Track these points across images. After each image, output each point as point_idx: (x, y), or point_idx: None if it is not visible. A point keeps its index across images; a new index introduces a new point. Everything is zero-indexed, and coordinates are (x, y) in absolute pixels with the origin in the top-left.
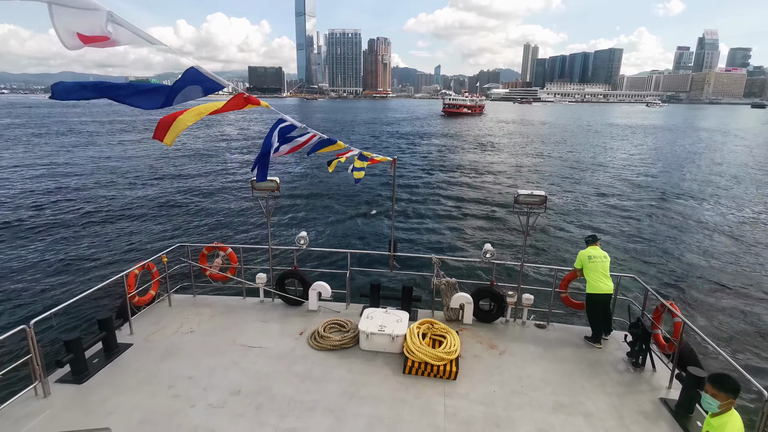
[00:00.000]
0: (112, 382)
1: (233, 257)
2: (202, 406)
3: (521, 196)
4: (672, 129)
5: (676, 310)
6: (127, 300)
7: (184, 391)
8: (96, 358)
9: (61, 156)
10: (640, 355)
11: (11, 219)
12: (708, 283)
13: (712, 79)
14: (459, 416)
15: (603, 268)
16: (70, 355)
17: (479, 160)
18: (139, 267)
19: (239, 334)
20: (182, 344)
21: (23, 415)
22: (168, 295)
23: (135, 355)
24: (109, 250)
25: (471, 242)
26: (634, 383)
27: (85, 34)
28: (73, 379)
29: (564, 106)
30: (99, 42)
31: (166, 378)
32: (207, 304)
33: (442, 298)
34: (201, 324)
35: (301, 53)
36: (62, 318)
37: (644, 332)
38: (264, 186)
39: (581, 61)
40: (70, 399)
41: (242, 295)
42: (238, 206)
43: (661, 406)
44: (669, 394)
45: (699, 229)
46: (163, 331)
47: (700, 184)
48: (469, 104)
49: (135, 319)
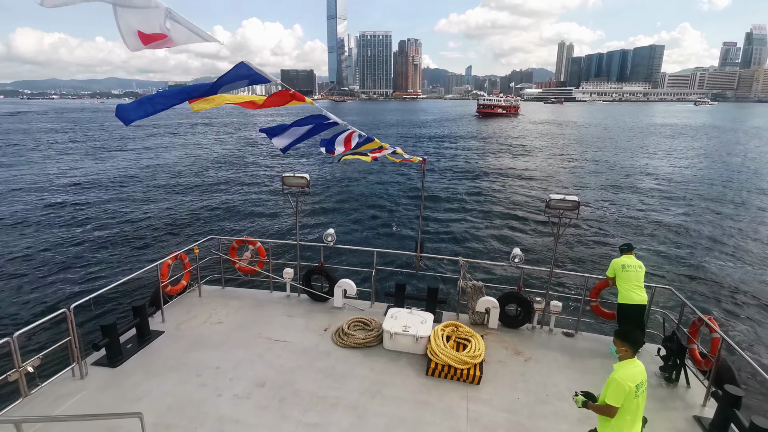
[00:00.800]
0: (144, 367)
1: (262, 251)
2: (228, 396)
3: (553, 201)
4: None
5: (714, 325)
6: (160, 289)
7: (211, 381)
8: (130, 344)
9: (103, 154)
10: (674, 370)
11: (57, 210)
12: (750, 299)
13: (761, 76)
14: (481, 421)
15: (637, 278)
16: (106, 340)
17: (510, 163)
18: (173, 257)
19: (265, 327)
20: (211, 334)
21: (61, 395)
22: (198, 286)
23: (166, 342)
24: (145, 240)
25: (499, 246)
26: (666, 399)
27: (145, 32)
28: (108, 363)
29: (598, 106)
30: (158, 41)
31: (194, 366)
32: (235, 297)
33: (468, 301)
34: (229, 315)
35: (332, 56)
36: (100, 303)
37: (679, 346)
38: (294, 182)
39: (619, 59)
40: (105, 381)
41: (269, 289)
42: (268, 201)
43: (695, 425)
44: (703, 412)
45: (744, 241)
46: (193, 321)
47: (751, 191)
48: (504, 105)
49: (167, 307)
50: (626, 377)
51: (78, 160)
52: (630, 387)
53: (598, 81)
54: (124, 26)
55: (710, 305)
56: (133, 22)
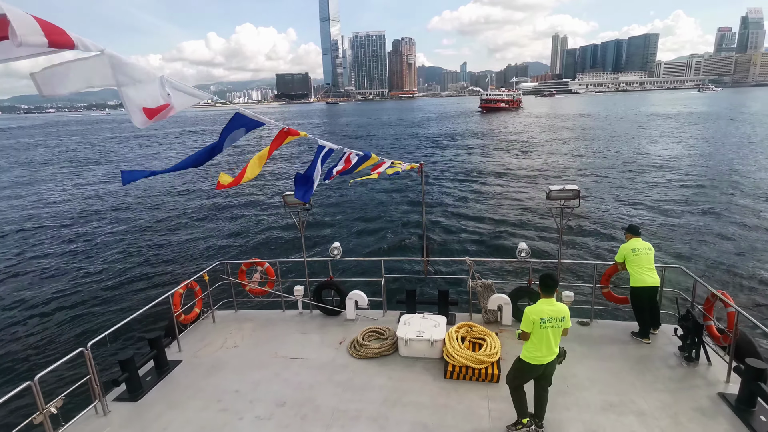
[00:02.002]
0: (164, 398)
1: (270, 272)
2: (250, 418)
3: (553, 192)
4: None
5: (728, 299)
6: (174, 319)
7: (232, 405)
8: (149, 376)
9: (96, 182)
10: (692, 348)
11: (59, 246)
12: (761, 270)
13: (759, 59)
14: (504, 420)
15: (648, 260)
16: (125, 375)
17: (509, 157)
18: (183, 286)
19: (281, 346)
20: (227, 359)
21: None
22: (211, 312)
23: (184, 371)
24: (155, 271)
25: (505, 242)
26: (688, 378)
27: (149, 107)
28: (129, 397)
29: (591, 97)
30: (161, 111)
31: (214, 392)
32: (248, 319)
33: (479, 301)
34: (244, 338)
35: (327, 58)
36: (115, 338)
37: (695, 324)
38: (295, 200)
39: (614, 49)
40: (128, 416)
41: (281, 308)
42: (271, 221)
43: (720, 402)
44: (727, 388)
45: (749, 215)
46: (209, 347)
47: (752, 169)
48: (506, 99)
49: (182, 336)
50: (533, 311)
51: (76, 186)
52: (535, 319)
53: (593, 72)
54: (130, 105)
55: (722, 280)
56: (137, 100)
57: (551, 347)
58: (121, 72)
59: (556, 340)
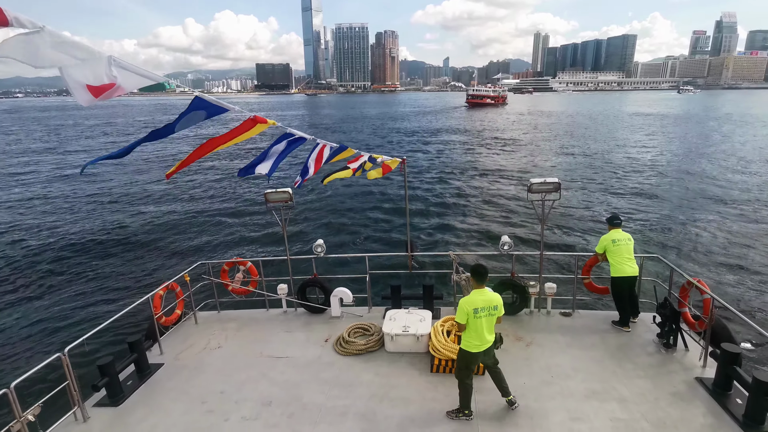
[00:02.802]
0: (147, 402)
1: (253, 271)
2: (236, 419)
3: (534, 185)
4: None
5: (703, 286)
6: (155, 321)
7: (217, 406)
8: (130, 380)
9: (74, 181)
10: (670, 335)
11: (35, 248)
12: (734, 258)
13: (731, 63)
14: (490, 411)
15: (627, 250)
16: (105, 379)
17: (492, 152)
18: (164, 288)
19: (266, 345)
20: (211, 360)
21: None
22: (193, 313)
23: (167, 374)
24: (133, 273)
25: (488, 236)
26: (666, 364)
27: (93, 84)
28: (110, 402)
29: (569, 95)
30: (108, 91)
31: (198, 394)
32: (232, 319)
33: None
34: (228, 339)
35: (309, 49)
36: (94, 343)
37: (673, 312)
38: (277, 198)
39: (594, 49)
40: (109, 422)
41: (265, 307)
42: (253, 219)
43: (697, 386)
44: (704, 372)
45: (723, 205)
46: (192, 349)
47: (723, 165)
48: (492, 95)
49: (164, 339)
50: (466, 302)
51: (46, 185)
52: (468, 309)
53: (573, 71)
54: (72, 83)
55: (698, 268)
56: (80, 78)
57: (485, 336)
58: (63, 50)
59: (490, 328)
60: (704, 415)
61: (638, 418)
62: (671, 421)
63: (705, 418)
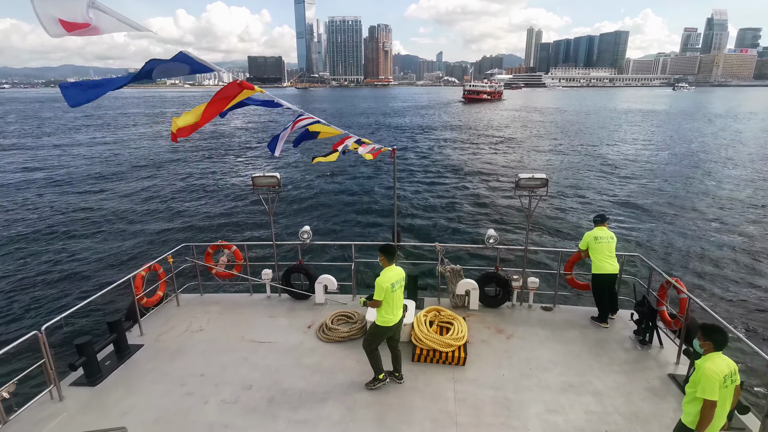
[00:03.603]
0: (125, 383)
1: (238, 255)
2: (215, 402)
3: (522, 180)
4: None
5: (681, 286)
6: (136, 302)
7: (196, 389)
8: (108, 360)
9: (57, 160)
10: (647, 332)
11: (15, 226)
12: (713, 259)
13: (722, 60)
14: (469, 401)
15: (609, 248)
16: (82, 359)
17: (482, 146)
18: (146, 269)
19: (248, 330)
20: (192, 343)
21: (41, 419)
22: (176, 295)
23: (146, 355)
24: (115, 253)
25: (474, 228)
26: (641, 360)
27: (67, 20)
28: (87, 382)
29: (559, 91)
30: (81, 29)
31: (178, 376)
32: (215, 302)
33: (448, 286)
34: (210, 322)
35: (301, 42)
36: (72, 322)
37: (650, 310)
38: (264, 182)
39: (586, 45)
40: (86, 401)
41: (249, 292)
42: (240, 204)
43: (670, 382)
44: (677, 369)
45: (703, 208)
46: (173, 331)
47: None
48: (489, 90)
49: (144, 320)
50: (384, 279)
51: (31, 164)
52: (387, 286)
53: (566, 67)
54: (42, 14)
55: (677, 268)
56: (52, 10)
57: (399, 309)
58: None
59: (401, 299)
60: (675, 410)
61: (611, 411)
62: (643, 415)
63: (675, 413)
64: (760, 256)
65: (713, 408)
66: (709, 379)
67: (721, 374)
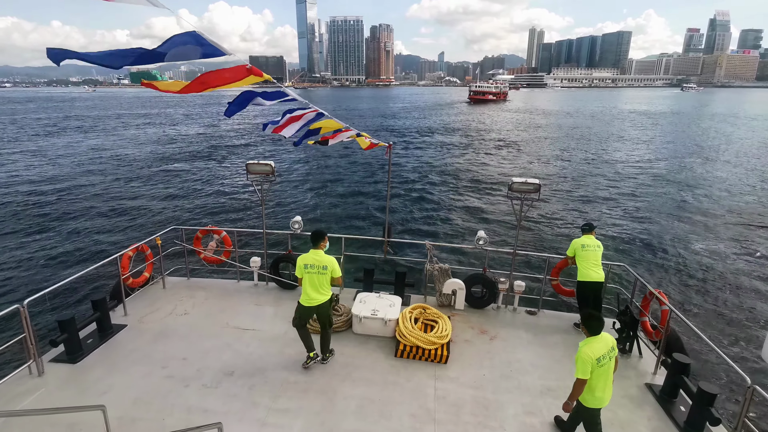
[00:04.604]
0: (106, 362)
1: (227, 241)
2: (196, 386)
3: (515, 184)
4: None
5: (663, 298)
6: (121, 281)
7: (178, 372)
8: (90, 339)
9: (52, 142)
10: (627, 341)
11: (4, 202)
12: (697, 273)
13: (724, 61)
14: (449, 399)
15: (595, 257)
16: (64, 335)
17: (479, 148)
18: (133, 249)
19: (233, 316)
20: (176, 326)
21: (18, 393)
22: (162, 278)
23: (129, 336)
24: (104, 232)
25: (465, 229)
26: (620, 369)
27: None
28: (68, 359)
29: (558, 92)
30: None
31: (160, 359)
32: (201, 287)
33: (435, 284)
34: (195, 306)
35: (303, 41)
36: (56, 298)
37: (632, 319)
38: (259, 169)
39: (588, 45)
40: (65, 378)
41: (236, 279)
42: (232, 190)
43: (647, 391)
44: (654, 379)
45: (693, 220)
46: (157, 313)
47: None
48: (494, 91)
49: (129, 300)
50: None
51: (25, 149)
52: (300, 264)
53: (568, 67)
54: None
55: (661, 280)
56: None
57: (311, 289)
58: None
59: (314, 286)
60: (649, 418)
61: None
62: (618, 422)
63: (650, 421)
64: (746, 273)
65: (583, 385)
66: (582, 362)
67: (594, 356)
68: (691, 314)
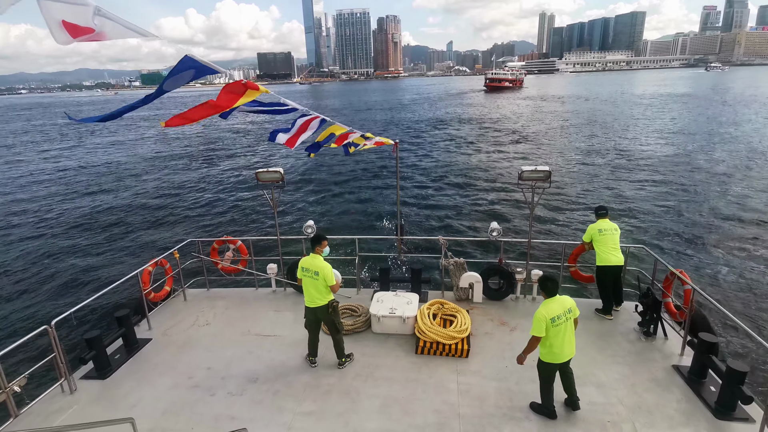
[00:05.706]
0: (134, 376)
1: (243, 250)
2: (222, 394)
3: (525, 172)
4: None
5: (685, 277)
6: (143, 296)
7: (203, 381)
8: (117, 354)
9: (67, 160)
10: (651, 324)
11: (24, 223)
12: (718, 251)
13: (743, 39)
14: (472, 392)
15: (613, 240)
16: (92, 352)
17: (482, 137)
18: (153, 264)
19: (254, 324)
20: (199, 336)
21: (52, 411)
22: (183, 290)
23: (154, 349)
24: (123, 249)
25: (478, 221)
26: (645, 352)
27: (69, 21)
28: (97, 375)
29: (567, 77)
30: (87, 35)
31: (185, 369)
32: (221, 297)
33: (451, 279)
34: (216, 316)
35: (310, 36)
36: (81, 316)
37: (654, 301)
38: (268, 177)
39: (601, 28)
40: (96, 394)
41: (255, 286)
42: (243, 198)
43: (674, 373)
44: (681, 360)
45: (709, 198)
46: (180, 325)
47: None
48: (510, 78)
49: (152, 314)
50: (301, 262)
51: (45, 166)
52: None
53: (580, 51)
54: (49, 19)
55: (682, 259)
56: (57, 15)
57: (314, 290)
58: None
59: (315, 285)
60: (678, 401)
61: (615, 402)
62: (646, 406)
63: (679, 404)
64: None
65: (537, 342)
66: (537, 321)
67: (549, 316)
68: (716, 292)
